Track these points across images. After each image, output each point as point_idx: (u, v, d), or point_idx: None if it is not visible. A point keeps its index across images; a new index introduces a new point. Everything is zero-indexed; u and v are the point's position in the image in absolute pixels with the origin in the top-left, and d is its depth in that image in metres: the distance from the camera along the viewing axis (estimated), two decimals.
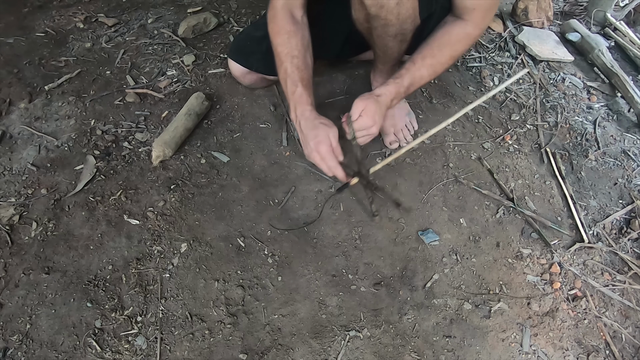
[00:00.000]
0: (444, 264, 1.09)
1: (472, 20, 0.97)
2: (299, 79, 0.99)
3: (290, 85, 0.99)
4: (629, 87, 1.53)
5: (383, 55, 1.14)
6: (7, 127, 1.27)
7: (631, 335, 1.02)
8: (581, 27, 1.77)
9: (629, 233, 1.18)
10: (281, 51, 1.00)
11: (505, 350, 0.98)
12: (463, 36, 0.99)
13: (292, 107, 1.01)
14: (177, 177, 1.18)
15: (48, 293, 0.98)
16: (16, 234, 1.06)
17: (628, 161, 1.36)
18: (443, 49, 0.99)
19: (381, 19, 0.96)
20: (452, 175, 1.25)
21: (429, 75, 1.01)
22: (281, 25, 1.01)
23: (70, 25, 1.59)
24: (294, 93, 0.99)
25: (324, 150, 0.95)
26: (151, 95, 1.36)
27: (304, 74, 1.00)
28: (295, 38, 1.00)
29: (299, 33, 1.02)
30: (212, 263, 1.05)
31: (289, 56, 0.99)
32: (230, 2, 1.73)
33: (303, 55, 1.01)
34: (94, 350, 0.91)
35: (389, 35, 1.02)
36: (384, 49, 1.09)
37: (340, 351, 0.95)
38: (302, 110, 0.99)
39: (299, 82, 0.99)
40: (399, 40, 1.03)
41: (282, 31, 1.00)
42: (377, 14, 0.94)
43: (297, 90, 0.99)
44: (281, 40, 1.00)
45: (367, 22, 1.02)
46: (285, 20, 1.01)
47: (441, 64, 1.00)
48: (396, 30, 0.99)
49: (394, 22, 0.96)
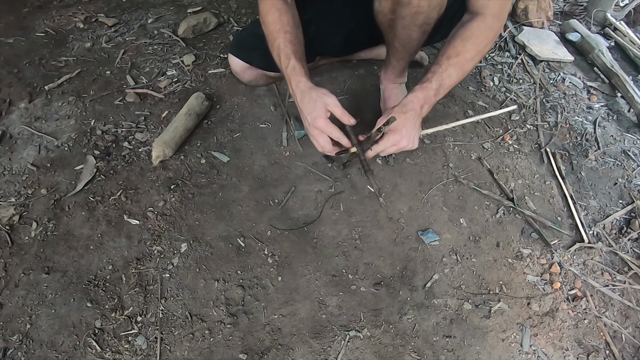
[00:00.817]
0: (444, 264, 1.09)
1: (489, 12, 0.94)
2: (292, 52, 0.96)
3: (284, 59, 0.97)
4: (629, 87, 1.53)
5: (402, 49, 1.13)
6: (7, 127, 1.27)
7: (631, 335, 1.02)
8: (581, 27, 1.77)
9: (629, 233, 1.18)
10: (273, 28, 0.99)
11: (505, 350, 0.98)
12: (484, 29, 0.95)
13: (288, 81, 0.97)
14: (177, 177, 1.18)
15: (48, 293, 0.98)
16: (16, 234, 1.06)
17: (628, 161, 1.36)
18: (466, 44, 0.95)
19: (413, 7, 0.95)
20: (452, 175, 1.25)
21: (457, 74, 0.97)
22: (272, 3, 1.00)
23: (70, 25, 1.59)
24: (288, 67, 0.96)
25: (322, 124, 0.91)
26: (151, 95, 1.37)
27: (296, 47, 0.97)
28: (287, 15, 0.99)
29: (290, 11, 1.01)
30: (212, 263, 1.05)
31: (282, 32, 0.97)
32: (230, 2, 1.73)
33: (295, 31, 0.99)
34: (94, 350, 0.91)
35: (416, 25, 1.01)
36: (404, 41, 1.08)
37: (340, 351, 0.95)
38: (297, 82, 0.95)
39: (292, 55, 0.96)
40: (423, 31, 1.03)
41: (273, 9, 0.99)
42: (409, 1, 0.94)
43: (291, 63, 0.95)
44: (272, 18, 0.99)
45: (392, 14, 1.01)
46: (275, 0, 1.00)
47: (467, 61, 0.96)
48: (424, 18, 0.99)
49: (425, 9, 0.96)
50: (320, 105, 0.91)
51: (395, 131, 0.94)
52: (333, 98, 0.92)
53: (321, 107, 0.91)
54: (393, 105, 1.29)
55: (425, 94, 0.95)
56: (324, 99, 0.91)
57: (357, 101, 1.39)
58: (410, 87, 1.39)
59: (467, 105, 1.43)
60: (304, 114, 0.94)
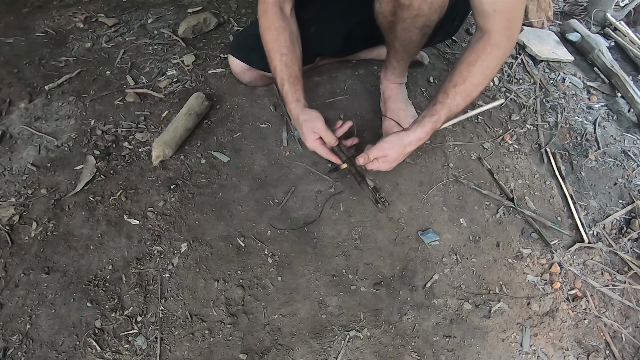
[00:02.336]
0: (444, 264, 1.09)
1: (495, 28, 0.89)
2: (287, 76, 1.04)
3: (279, 81, 1.06)
4: (629, 87, 1.53)
5: (402, 51, 1.13)
6: (7, 127, 1.27)
7: (631, 335, 1.02)
8: (581, 27, 1.77)
9: (629, 233, 1.18)
10: (271, 48, 1.05)
11: (505, 350, 0.98)
12: (491, 49, 0.91)
13: (284, 101, 1.08)
14: (177, 177, 1.18)
15: (48, 293, 0.98)
16: (16, 234, 1.06)
17: (628, 161, 1.36)
18: (472, 69, 0.92)
19: (413, 10, 0.94)
20: (452, 175, 1.25)
21: (465, 101, 0.96)
22: (271, 20, 1.05)
23: (70, 25, 1.59)
24: (282, 90, 1.06)
25: (312, 145, 1.05)
26: (151, 95, 1.36)
27: (291, 70, 1.04)
28: (284, 34, 1.05)
29: (288, 28, 1.06)
30: (212, 263, 1.05)
31: (278, 53, 1.04)
32: (230, 2, 1.73)
33: (292, 51, 1.06)
34: (94, 350, 0.91)
35: (416, 27, 1.00)
36: (405, 42, 1.08)
37: (340, 351, 0.95)
38: (289, 107, 1.06)
39: (285, 80, 1.04)
40: (423, 33, 1.03)
41: (272, 27, 1.05)
42: (410, 3, 0.93)
43: (285, 87, 1.05)
44: (271, 36, 1.05)
45: (393, 16, 1.00)
46: (276, 15, 1.05)
47: (475, 86, 0.94)
48: (424, 21, 0.98)
49: (426, 12, 0.95)
50: (308, 130, 1.02)
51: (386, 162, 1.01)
52: (319, 122, 1.02)
53: (309, 131, 1.02)
54: (393, 104, 1.29)
55: (434, 127, 0.98)
56: (311, 124, 1.02)
57: (357, 101, 1.39)
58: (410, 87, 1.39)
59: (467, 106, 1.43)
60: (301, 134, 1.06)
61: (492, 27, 0.90)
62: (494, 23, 0.90)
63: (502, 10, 0.88)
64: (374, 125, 1.32)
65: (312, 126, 1.02)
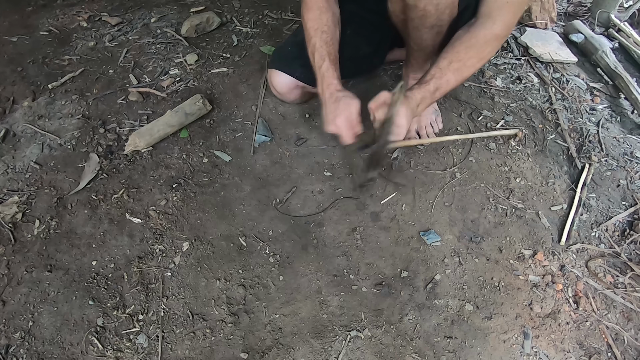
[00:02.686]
0: (445, 265, 1.09)
1: (500, 19, 0.91)
2: (327, 53, 1.00)
3: (318, 59, 1.01)
4: (632, 89, 1.52)
5: (418, 49, 1.13)
6: (10, 125, 1.27)
7: (633, 337, 1.02)
8: (585, 28, 1.77)
9: (632, 235, 1.17)
10: (311, 26, 1.02)
11: (507, 352, 0.97)
12: (490, 37, 0.94)
13: (319, 80, 1.02)
14: (179, 176, 1.18)
15: (50, 291, 0.98)
16: (19, 231, 1.07)
17: (631, 163, 1.35)
18: (469, 52, 0.94)
19: (419, 10, 0.95)
20: (455, 175, 1.24)
21: (456, 79, 0.97)
22: (314, 1, 1.03)
23: (74, 24, 1.60)
24: (321, 67, 1.00)
25: (341, 122, 0.96)
26: (154, 94, 1.37)
27: (331, 48, 1.01)
28: (327, 14, 1.03)
29: (330, 10, 1.04)
30: (213, 262, 1.05)
31: (319, 31, 1.01)
32: (233, 1, 1.73)
33: (333, 31, 1.03)
34: (96, 348, 0.92)
35: (426, 27, 1.01)
36: (419, 41, 1.08)
37: (341, 351, 0.95)
38: (328, 83, 0.99)
39: (326, 56, 1.00)
40: (435, 32, 1.03)
41: (315, 7, 1.03)
42: (415, 4, 0.94)
43: (324, 64, 1.00)
44: (312, 15, 1.03)
45: (404, 14, 1.01)
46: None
47: (467, 68, 0.96)
48: (433, 21, 0.98)
49: (433, 12, 0.95)
50: (344, 106, 0.95)
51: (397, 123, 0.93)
52: (356, 103, 0.96)
53: (344, 108, 0.95)
54: None
55: (423, 95, 0.96)
56: (349, 102, 0.96)
57: (362, 101, 1.38)
58: None
59: (469, 107, 1.43)
60: (328, 112, 0.98)
61: (498, 18, 0.92)
62: (502, 14, 0.91)
63: (513, 3, 0.90)
64: None
65: (349, 103, 0.95)
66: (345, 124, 0.95)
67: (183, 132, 1.27)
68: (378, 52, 1.32)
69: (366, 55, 1.27)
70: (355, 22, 1.20)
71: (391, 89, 0.93)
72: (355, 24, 1.19)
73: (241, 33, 1.59)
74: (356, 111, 0.96)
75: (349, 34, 1.17)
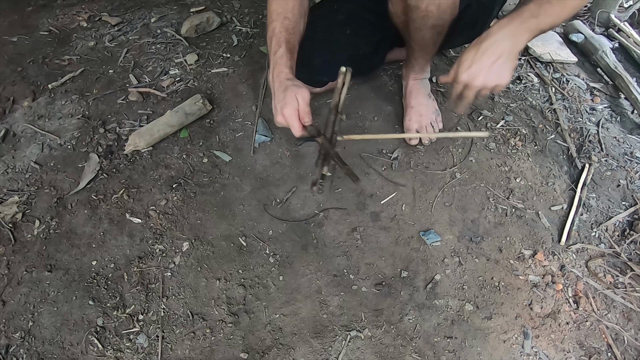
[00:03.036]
0: (445, 265, 1.09)
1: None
2: (285, 40, 0.94)
3: (275, 44, 0.95)
4: (632, 89, 1.52)
5: (418, 49, 1.13)
6: (10, 125, 1.27)
7: (633, 337, 1.02)
8: (585, 28, 1.77)
9: (632, 235, 1.17)
10: (275, 9, 0.97)
11: (507, 352, 0.97)
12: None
13: (271, 67, 0.95)
14: (179, 176, 1.18)
15: (50, 291, 0.98)
16: (19, 231, 1.07)
17: (631, 163, 1.35)
18: None
19: (421, 10, 0.95)
20: (455, 175, 1.24)
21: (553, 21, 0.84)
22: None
23: (74, 24, 1.60)
24: (276, 53, 0.94)
25: (288, 113, 0.89)
26: (154, 94, 1.37)
27: (291, 36, 0.95)
28: (294, 1, 0.96)
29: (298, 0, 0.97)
30: (213, 262, 1.05)
31: (282, 16, 0.95)
32: (233, 1, 1.73)
33: (296, 20, 0.97)
34: (96, 348, 0.92)
35: (427, 27, 1.00)
36: (420, 41, 1.08)
37: (341, 351, 0.95)
38: (279, 71, 0.93)
39: (283, 42, 0.94)
40: (436, 32, 1.02)
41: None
42: (417, 4, 0.93)
43: (280, 50, 0.93)
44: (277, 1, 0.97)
45: (405, 15, 1.00)
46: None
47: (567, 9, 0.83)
48: (435, 21, 0.98)
49: (434, 12, 0.95)
50: (291, 95, 0.88)
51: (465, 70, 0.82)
52: (304, 92, 0.89)
53: (292, 97, 0.88)
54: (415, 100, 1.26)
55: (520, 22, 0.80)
56: (297, 91, 0.89)
57: (359, 100, 1.38)
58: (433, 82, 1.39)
59: (469, 107, 1.43)
60: (275, 101, 0.93)
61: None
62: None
63: None
64: (375, 124, 1.32)
65: (297, 92, 0.88)
66: (292, 114, 0.88)
67: (183, 132, 1.27)
68: (378, 52, 1.32)
69: (366, 55, 1.27)
70: (355, 22, 1.19)
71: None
72: (355, 23, 1.19)
73: (241, 33, 1.59)
74: (304, 101, 0.88)
75: (348, 34, 1.17)
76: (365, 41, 1.24)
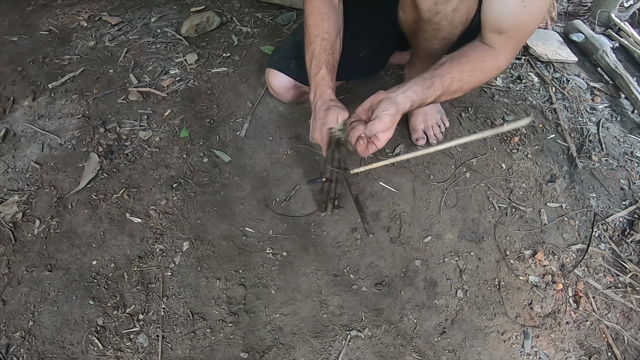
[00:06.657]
0: (445, 265, 1.09)
1: (503, 52, 0.90)
2: (325, 61, 0.98)
3: (315, 66, 0.98)
4: (632, 88, 1.52)
5: (425, 56, 1.13)
6: (10, 124, 1.27)
7: (633, 337, 1.02)
8: (585, 28, 1.77)
9: (632, 235, 1.17)
10: (312, 32, 1.00)
11: (507, 352, 0.97)
12: (494, 67, 0.92)
13: (313, 88, 0.99)
14: (180, 176, 1.18)
15: (50, 290, 0.98)
16: (19, 231, 1.07)
17: (631, 162, 1.35)
18: (476, 73, 0.91)
19: (434, 24, 0.94)
20: (455, 175, 1.24)
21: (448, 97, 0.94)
22: (317, 5, 1.00)
23: (74, 23, 1.60)
24: (317, 75, 0.98)
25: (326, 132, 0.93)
26: (154, 94, 1.37)
27: (329, 57, 0.99)
28: (329, 21, 0.99)
29: (333, 17, 1.01)
30: (213, 262, 1.05)
31: (319, 38, 0.99)
32: (233, 1, 1.73)
33: (333, 40, 1.00)
34: (96, 347, 0.92)
35: (437, 39, 1.00)
36: (427, 50, 1.08)
37: (341, 351, 0.95)
38: (322, 92, 0.97)
39: (323, 64, 0.97)
40: (445, 43, 1.02)
41: (317, 12, 1.00)
42: (430, 19, 0.93)
43: (321, 72, 0.97)
44: (314, 20, 1.00)
45: (416, 24, 1.00)
46: (322, 1, 1.00)
47: (463, 91, 0.94)
48: (446, 34, 0.98)
49: (446, 27, 0.94)
50: (333, 115, 0.92)
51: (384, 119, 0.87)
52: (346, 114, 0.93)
53: (333, 117, 0.92)
54: None
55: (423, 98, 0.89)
56: (339, 112, 0.92)
57: (360, 101, 1.38)
58: None
59: (470, 107, 1.43)
60: (316, 119, 0.96)
61: (501, 49, 0.90)
62: (505, 47, 0.89)
63: (516, 37, 0.88)
64: None
65: (339, 112, 0.92)
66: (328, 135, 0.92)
67: (183, 131, 1.27)
68: (378, 55, 1.31)
69: (366, 58, 1.27)
70: (356, 25, 1.19)
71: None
72: (356, 26, 1.19)
73: (241, 33, 1.59)
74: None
75: (349, 35, 1.17)
76: (366, 44, 1.23)
